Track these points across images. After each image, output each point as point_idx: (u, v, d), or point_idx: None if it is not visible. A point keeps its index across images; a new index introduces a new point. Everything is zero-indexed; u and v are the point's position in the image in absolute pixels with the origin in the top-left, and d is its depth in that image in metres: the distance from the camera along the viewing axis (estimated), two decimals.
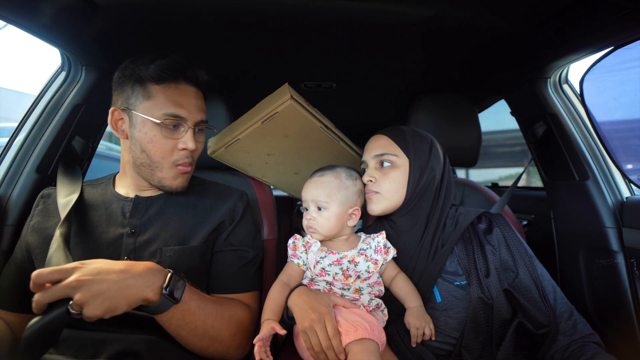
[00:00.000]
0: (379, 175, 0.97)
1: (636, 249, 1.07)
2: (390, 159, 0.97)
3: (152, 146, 0.86)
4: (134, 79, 0.86)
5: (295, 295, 0.85)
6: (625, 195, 1.19)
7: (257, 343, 0.76)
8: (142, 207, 0.91)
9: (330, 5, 0.91)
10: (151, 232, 0.88)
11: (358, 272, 0.89)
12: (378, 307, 0.89)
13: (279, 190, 1.46)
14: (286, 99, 1.01)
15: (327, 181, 0.94)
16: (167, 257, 0.86)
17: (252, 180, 1.28)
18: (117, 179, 0.99)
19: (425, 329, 0.83)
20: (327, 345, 0.75)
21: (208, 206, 0.96)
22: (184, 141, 0.87)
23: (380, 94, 1.67)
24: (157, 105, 0.84)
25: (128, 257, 0.85)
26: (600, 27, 0.91)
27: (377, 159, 0.99)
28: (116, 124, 0.90)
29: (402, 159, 0.97)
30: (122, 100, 0.88)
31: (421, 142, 1.00)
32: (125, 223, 0.89)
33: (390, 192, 0.96)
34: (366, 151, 1.03)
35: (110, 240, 0.86)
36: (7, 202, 1.04)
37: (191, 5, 0.91)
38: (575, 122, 1.27)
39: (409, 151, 0.97)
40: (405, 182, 0.97)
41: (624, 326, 1.08)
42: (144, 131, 0.85)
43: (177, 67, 0.86)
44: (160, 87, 0.85)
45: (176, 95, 0.86)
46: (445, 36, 1.06)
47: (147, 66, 0.85)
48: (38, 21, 0.93)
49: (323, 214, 0.92)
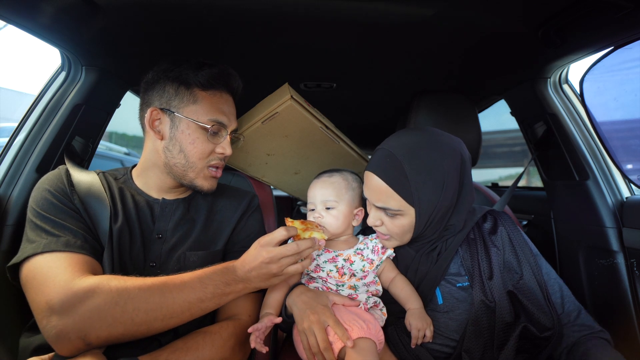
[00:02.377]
0: (386, 220, 0.90)
1: (636, 249, 1.07)
2: (393, 213, 0.87)
3: (192, 147, 0.89)
4: (179, 81, 0.89)
5: (294, 294, 0.86)
6: (625, 195, 1.19)
7: (252, 332, 0.78)
8: (168, 212, 0.92)
9: (331, 5, 0.91)
10: (176, 238, 0.89)
11: (353, 271, 0.90)
12: (376, 305, 0.89)
13: (279, 190, 1.46)
14: (286, 99, 1.01)
15: (336, 182, 0.97)
16: (191, 262, 0.88)
17: (252, 180, 1.28)
18: (135, 177, 0.97)
19: (427, 331, 0.84)
20: (324, 346, 0.75)
21: (225, 210, 0.98)
22: (222, 146, 0.92)
23: (380, 94, 1.67)
24: (203, 110, 0.89)
25: (154, 263, 0.86)
26: (600, 27, 0.91)
27: (379, 209, 0.89)
28: (152, 124, 0.90)
29: (406, 209, 0.85)
30: (163, 101, 0.89)
31: (430, 184, 0.83)
32: (153, 228, 0.89)
33: (399, 235, 0.90)
34: (365, 188, 0.92)
35: (139, 240, 0.86)
36: (7, 202, 1.04)
37: (191, 5, 0.91)
38: (575, 122, 1.27)
39: (413, 202, 0.84)
40: (412, 226, 0.88)
41: (624, 326, 1.08)
42: (188, 132, 0.88)
43: (224, 77, 0.92)
44: (206, 93, 0.90)
45: (220, 104, 0.92)
46: (445, 36, 1.06)
47: (195, 71, 0.88)
48: (38, 21, 0.93)
49: (332, 213, 0.94)
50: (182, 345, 0.77)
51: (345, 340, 0.74)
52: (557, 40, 0.99)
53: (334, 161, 1.29)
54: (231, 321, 0.87)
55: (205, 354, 0.77)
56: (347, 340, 0.74)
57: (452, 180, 0.85)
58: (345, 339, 0.74)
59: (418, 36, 1.07)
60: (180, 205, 0.94)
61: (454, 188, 0.86)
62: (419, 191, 0.83)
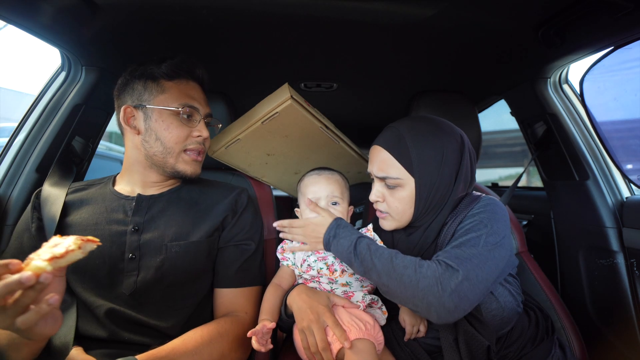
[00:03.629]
0: (387, 194, 0.90)
1: (636, 249, 1.07)
2: (393, 182, 0.88)
3: (167, 133, 0.91)
4: (145, 77, 0.93)
5: (294, 293, 0.86)
6: (625, 195, 1.19)
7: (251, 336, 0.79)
8: (144, 205, 0.92)
9: (331, 5, 0.91)
10: (155, 229, 0.89)
11: (343, 266, 0.91)
12: (374, 303, 0.89)
13: (279, 190, 1.46)
14: (286, 98, 1.01)
15: (339, 180, 1.01)
16: (173, 252, 0.87)
17: (252, 180, 1.28)
18: (117, 179, 1.00)
19: (420, 326, 0.85)
20: (323, 346, 0.75)
21: (210, 202, 0.98)
22: (198, 129, 0.95)
23: (380, 94, 1.67)
24: (173, 98, 0.92)
25: (133, 254, 0.86)
26: (600, 27, 0.91)
27: (381, 179, 0.91)
28: (128, 121, 0.94)
29: (406, 179, 0.87)
30: (134, 98, 0.93)
31: (429, 154, 0.86)
32: (128, 221, 0.89)
33: (398, 213, 0.89)
34: (370, 162, 0.95)
35: (113, 237, 0.87)
36: (7, 202, 1.04)
37: (191, 6, 0.91)
38: (575, 122, 1.27)
39: (413, 171, 0.86)
40: (413, 200, 0.88)
41: (624, 326, 1.08)
42: (161, 120, 0.91)
43: (187, 66, 0.96)
44: (173, 82, 0.94)
45: (188, 90, 0.95)
46: (445, 36, 1.06)
47: (158, 65, 0.93)
48: (38, 21, 0.93)
49: (337, 208, 0.97)
50: (180, 343, 0.77)
51: (343, 341, 0.74)
52: (557, 40, 0.99)
53: (334, 161, 1.29)
54: (229, 318, 0.88)
55: (204, 350, 0.77)
56: (345, 341, 0.74)
57: (451, 158, 0.86)
58: (343, 340, 0.74)
59: (418, 36, 1.07)
60: (158, 199, 0.95)
61: (452, 166, 0.87)
62: (419, 161, 0.85)
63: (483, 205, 0.85)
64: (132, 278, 0.84)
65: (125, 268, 0.85)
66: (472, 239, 0.78)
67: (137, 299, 0.84)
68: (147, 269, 0.85)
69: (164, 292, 0.86)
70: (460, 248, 0.77)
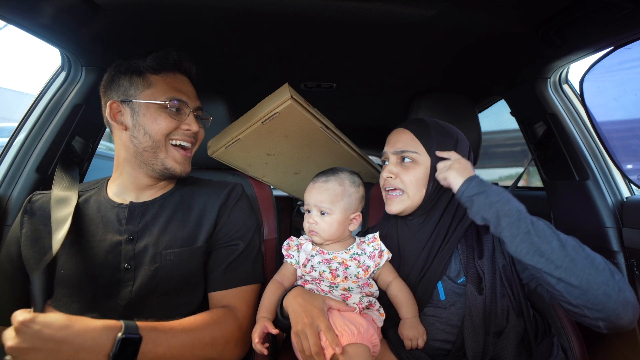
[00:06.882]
0: (399, 170, 0.95)
1: (636, 249, 1.07)
2: (411, 156, 0.94)
3: (155, 125, 0.89)
4: (130, 72, 0.90)
5: (290, 296, 0.86)
6: (625, 195, 1.19)
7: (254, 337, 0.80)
8: (138, 213, 0.91)
9: (331, 6, 0.91)
10: (150, 237, 0.88)
11: (347, 274, 0.90)
12: (372, 305, 0.88)
13: (279, 190, 1.46)
14: (286, 99, 1.01)
15: (331, 188, 0.94)
16: (167, 260, 0.86)
17: (252, 180, 1.28)
18: (110, 183, 0.98)
19: (419, 340, 0.83)
20: (316, 351, 0.75)
21: (203, 205, 0.95)
22: (187, 123, 0.92)
23: (380, 94, 1.67)
24: (159, 91, 0.90)
25: (128, 264, 0.85)
26: (600, 27, 0.91)
27: (397, 155, 0.96)
28: (115, 117, 0.91)
29: (423, 157, 0.94)
30: (120, 94, 0.90)
31: (445, 139, 0.95)
32: (123, 230, 0.88)
33: (412, 188, 0.93)
34: (387, 144, 1.00)
35: (109, 248, 0.86)
36: (7, 202, 1.04)
37: (191, 6, 0.91)
38: (575, 122, 1.27)
39: (431, 149, 0.94)
40: (426, 181, 0.93)
41: None
42: (148, 114, 0.89)
43: (173, 59, 0.93)
44: (159, 76, 0.91)
45: (175, 83, 0.93)
46: (445, 36, 1.06)
47: (143, 59, 0.90)
48: (38, 21, 0.93)
49: (325, 219, 0.93)
50: (177, 323, 0.77)
51: (334, 346, 0.74)
52: (557, 40, 0.99)
53: (334, 161, 1.29)
54: (222, 309, 0.87)
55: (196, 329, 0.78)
56: (337, 346, 0.74)
57: (462, 152, 0.95)
58: (334, 345, 0.74)
59: (418, 36, 1.07)
60: (151, 206, 0.93)
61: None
62: (438, 144, 0.94)
63: None
64: (128, 288, 0.84)
65: (122, 278, 0.84)
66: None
67: (131, 309, 0.83)
68: (142, 278, 0.84)
69: (158, 300, 0.85)
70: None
